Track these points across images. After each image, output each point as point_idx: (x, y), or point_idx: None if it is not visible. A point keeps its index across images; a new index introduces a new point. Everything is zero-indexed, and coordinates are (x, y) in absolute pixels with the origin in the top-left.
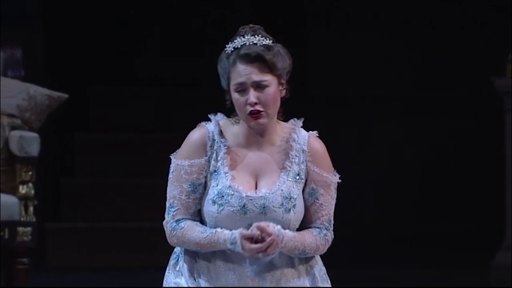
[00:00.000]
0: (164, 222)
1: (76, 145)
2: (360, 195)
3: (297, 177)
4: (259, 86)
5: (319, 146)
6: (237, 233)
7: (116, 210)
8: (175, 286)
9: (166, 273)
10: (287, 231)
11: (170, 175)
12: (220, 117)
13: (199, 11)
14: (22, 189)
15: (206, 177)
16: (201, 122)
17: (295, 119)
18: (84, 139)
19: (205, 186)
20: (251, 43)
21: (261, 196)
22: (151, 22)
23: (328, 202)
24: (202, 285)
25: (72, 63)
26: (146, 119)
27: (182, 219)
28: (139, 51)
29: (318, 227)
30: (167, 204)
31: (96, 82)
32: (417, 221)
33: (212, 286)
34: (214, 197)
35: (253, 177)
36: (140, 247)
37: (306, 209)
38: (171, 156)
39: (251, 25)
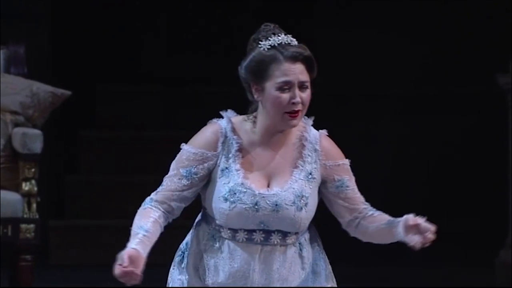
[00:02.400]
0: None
1: (81, 142)
2: (365, 193)
3: (309, 176)
4: (302, 87)
5: (330, 144)
6: (124, 253)
7: (120, 207)
8: (179, 283)
9: (171, 269)
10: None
11: (176, 157)
12: (231, 114)
13: (205, 9)
14: (25, 186)
15: (208, 171)
16: (213, 119)
17: (305, 117)
18: (89, 137)
19: (204, 181)
20: (286, 42)
21: (273, 194)
22: (157, 20)
23: (355, 184)
24: (208, 284)
25: (78, 61)
26: (151, 117)
27: (155, 201)
28: (145, 49)
29: (366, 207)
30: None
31: (102, 79)
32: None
33: (218, 284)
34: (225, 194)
35: (265, 176)
36: None
37: (343, 200)
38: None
39: (271, 25)
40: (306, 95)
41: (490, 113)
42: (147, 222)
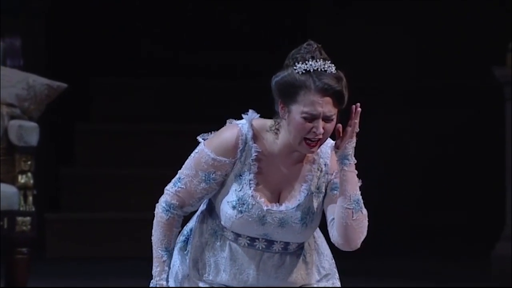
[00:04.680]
0: (166, 188)
1: (77, 135)
2: (362, 187)
3: (317, 191)
4: (326, 119)
5: None
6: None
7: (116, 200)
8: (177, 269)
9: (175, 249)
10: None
11: (193, 154)
12: (252, 115)
13: (200, 2)
14: (21, 179)
15: (225, 176)
16: (234, 121)
17: None
18: (85, 129)
19: (221, 184)
20: (322, 69)
21: (281, 211)
22: (153, 13)
23: None
24: (208, 279)
25: (74, 53)
26: (147, 109)
27: (176, 206)
28: (141, 43)
29: None
30: (178, 175)
31: (97, 72)
32: (418, 212)
33: (217, 283)
34: (234, 201)
35: (276, 189)
36: (140, 238)
37: (333, 201)
38: (200, 138)
39: (315, 45)
40: (330, 125)
41: (487, 106)
42: (170, 240)
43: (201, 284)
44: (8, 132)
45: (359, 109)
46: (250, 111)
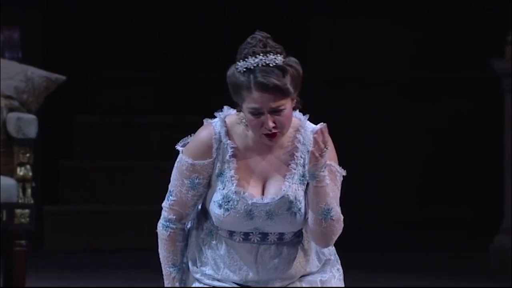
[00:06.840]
0: (162, 205)
1: (75, 127)
2: (360, 181)
3: (302, 178)
4: (275, 111)
5: None
6: None
7: (114, 193)
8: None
9: None
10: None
11: (176, 164)
12: (226, 112)
13: None
14: (20, 171)
15: (209, 177)
16: (208, 120)
17: (301, 114)
18: (83, 122)
19: (208, 185)
20: (263, 64)
21: (267, 203)
22: (151, 6)
23: (333, 188)
24: (210, 275)
25: (73, 46)
26: (145, 102)
27: (175, 220)
28: (139, 35)
29: None
30: (169, 189)
31: (96, 65)
32: (416, 205)
33: (217, 281)
34: (219, 200)
35: (259, 181)
36: (138, 230)
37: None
38: (178, 147)
39: (259, 37)
40: (282, 117)
41: (486, 98)
42: (176, 255)
43: (204, 279)
44: (6, 124)
45: (318, 134)
46: (225, 107)
